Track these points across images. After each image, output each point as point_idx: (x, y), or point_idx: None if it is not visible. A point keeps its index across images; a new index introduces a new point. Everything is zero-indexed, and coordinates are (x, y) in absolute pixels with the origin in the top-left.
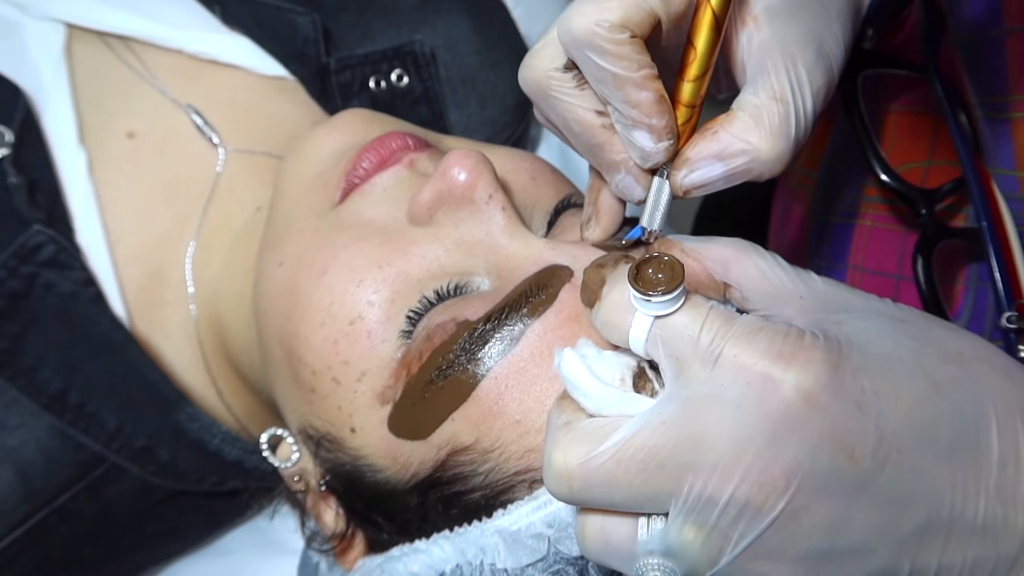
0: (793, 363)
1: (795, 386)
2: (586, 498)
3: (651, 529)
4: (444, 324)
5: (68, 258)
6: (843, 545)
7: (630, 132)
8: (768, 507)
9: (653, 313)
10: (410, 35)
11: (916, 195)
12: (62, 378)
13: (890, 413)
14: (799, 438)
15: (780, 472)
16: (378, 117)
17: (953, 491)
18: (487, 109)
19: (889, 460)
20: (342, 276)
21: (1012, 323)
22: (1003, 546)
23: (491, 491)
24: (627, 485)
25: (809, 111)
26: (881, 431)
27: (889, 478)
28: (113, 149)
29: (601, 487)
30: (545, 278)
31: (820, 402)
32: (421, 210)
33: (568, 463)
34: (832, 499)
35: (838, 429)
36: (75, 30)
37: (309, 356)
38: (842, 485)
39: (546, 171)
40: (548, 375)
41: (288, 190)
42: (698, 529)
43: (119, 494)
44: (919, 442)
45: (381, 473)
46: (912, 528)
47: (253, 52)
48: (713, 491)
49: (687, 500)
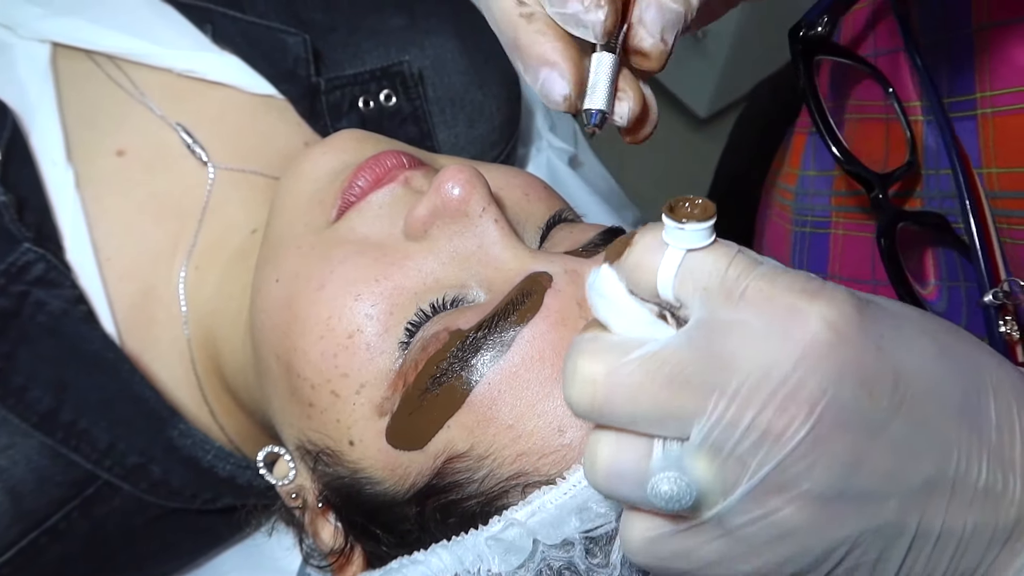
0: (819, 297)
1: (821, 316)
2: (607, 411)
3: (668, 451)
4: (438, 334)
5: (58, 276)
6: (857, 487)
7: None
8: (791, 433)
9: (686, 245)
10: (398, 55)
11: (873, 177)
12: (53, 396)
13: (905, 361)
14: (824, 367)
15: (805, 399)
16: (372, 137)
17: (958, 449)
18: (475, 128)
19: (904, 405)
20: (340, 290)
21: (998, 299)
22: (1001, 515)
23: (486, 497)
24: (652, 399)
25: None
26: (897, 375)
27: (903, 424)
28: (102, 167)
29: (625, 398)
30: (528, 286)
31: (845, 335)
32: (416, 225)
33: (595, 371)
34: (851, 435)
35: (861, 364)
36: (63, 48)
37: (308, 370)
38: (861, 421)
39: (538, 187)
40: (539, 379)
41: (285, 208)
42: (716, 453)
43: (111, 512)
44: (929, 395)
45: (379, 485)
46: (921, 480)
47: (243, 71)
48: (737, 412)
49: (711, 419)
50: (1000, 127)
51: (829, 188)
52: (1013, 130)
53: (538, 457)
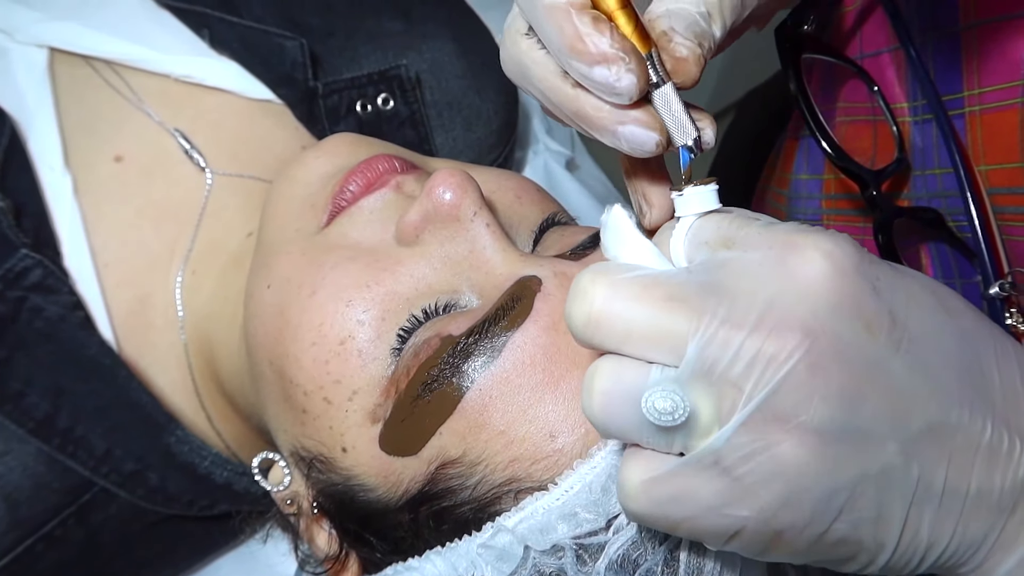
0: (815, 233)
1: (818, 247)
2: (604, 323)
3: (664, 373)
4: (430, 340)
5: (56, 282)
6: (855, 425)
7: (590, 74)
8: (784, 357)
9: (689, 211)
10: (396, 59)
11: (866, 174)
12: (50, 402)
13: (903, 307)
14: (819, 296)
15: (798, 324)
16: (365, 140)
17: (961, 401)
18: (472, 132)
19: (902, 345)
20: (331, 296)
21: (1004, 290)
22: (1008, 478)
23: (479, 504)
24: (647, 313)
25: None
26: (894, 317)
27: (901, 364)
28: (100, 173)
29: (622, 311)
30: (518, 290)
31: (841, 267)
32: (408, 230)
33: (595, 283)
34: (848, 367)
35: (857, 299)
36: (61, 54)
37: (300, 377)
38: (858, 355)
39: (531, 190)
40: (530, 384)
41: (276, 212)
42: (710, 376)
43: (108, 519)
44: (929, 343)
45: (373, 492)
46: (921, 425)
47: (241, 76)
48: (731, 332)
49: (704, 336)
50: (988, 124)
51: (820, 191)
52: (1001, 126)
53: (530, 463)
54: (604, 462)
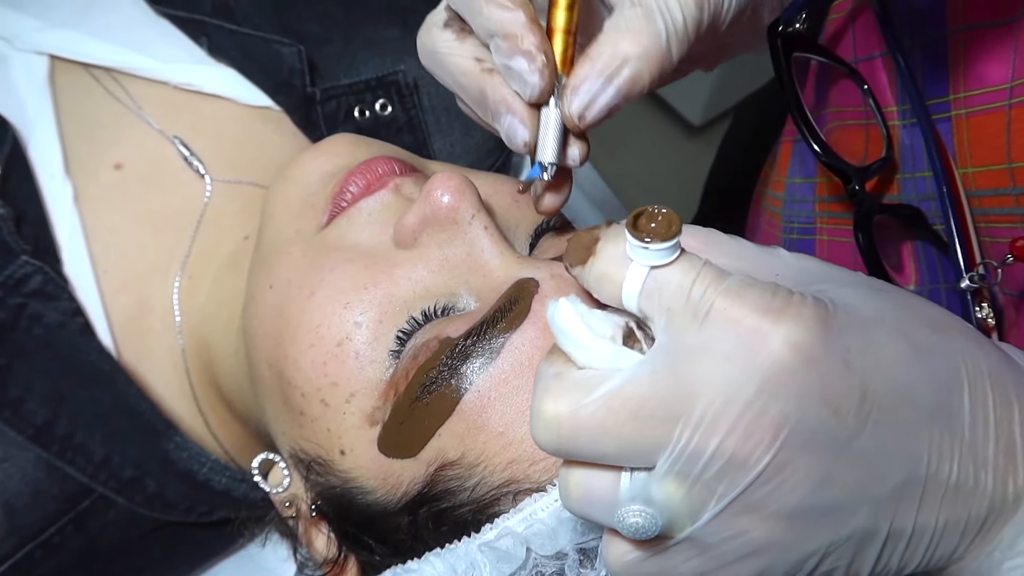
0: (782, 317)
1: (784, 340)
2: (573, 448)
3: (634, 480)
4: (428, 342)
5: (55, 289)
6: (825, 503)
7: (508, 66)
8: (755, 460)
9: (649, 263)
10: (394, 65)
11: (850, 170)
12: (49, 409)
13: (873, 372)
14: (787, 392)
15: (768, 425)
16: (364, 140)
17: (929, 450)
18: (470, 136)
19: (871, 418)
20: (329, 298)
21: (974, 282)
22: (973, 508)
23: (478, 505)
24: (617, 435)
25: (674, 11)
26: (865, 388)
27: (871, 436)
28: (100, 180)
29: (590, 436)
30: (516, 293)
31: (808, 356)
32: (406, 233)
33: (558, 411)
34: (816, 455)
35: (825, 384)
36: (60, 62)
37: (298, 378)
38: (827, 441)
39: (528, 194)
40: (529, 386)
41: (276, 212)
42: (682, 481)
43: (106, 526)
44: (899, 402)
45: (371, 494)
46: (891, 487)
47: (239, 83)
48: (701, 442)
49: (675, 450)
50: (973, 127)
51: (813, 195)
52: (985, 128)
53: (528, 464)
54: None
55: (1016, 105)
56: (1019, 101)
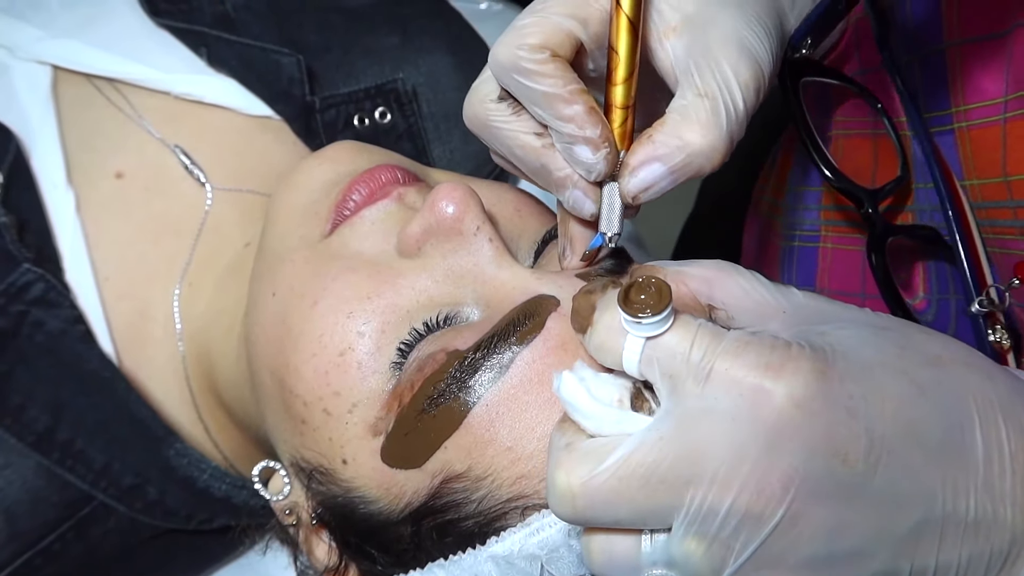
0: (782, 373)
1: (786, 395)
2: (590, 517)
3: (654, 542)
4: (435, 354)
5: (57, 296)
6: (843, 549)
7: (570, 149)
8: (768, 515)
9: (644, 334)
10: (393, 73)
11: (863, 193)
12: (50, 416)
13: (878, 416)
14: (793, 445)
15: (777, 479)
16: (367, 148)
17: (944, 489)
18: (470, 144)
19: (881, 462)
20: (332, 307)
21: (984, 307)
22: (995, 541)
23: (484, 518)
24: (630, 502)
25: (738, 102)
26: (871, 434)
27: (882, 480)
28: (102, 189)
29: (604, 505)
30: (532, 307)
31: (811, 409)
32: (410, 242)
33: (571, 483)
34: (829, 503)
35: (830, 434)
36: (62, 72)
37: (300, 387)
38: (838, 489)
39: (530, 203)
40: (538, 402)
41: (279, 219)
42: (700, 540)
43: (106, 533)
44: (908, 443)
45: (374, 504)
46: (908, 528)
47: (239, 93)
48: (714, 502)
49: (689, 512)
50: (976, 140)
51: (818, 203)
52: (986, 142)
53: (539, 480)
54: None
55: (1011, 119)
56: (1013, 115)
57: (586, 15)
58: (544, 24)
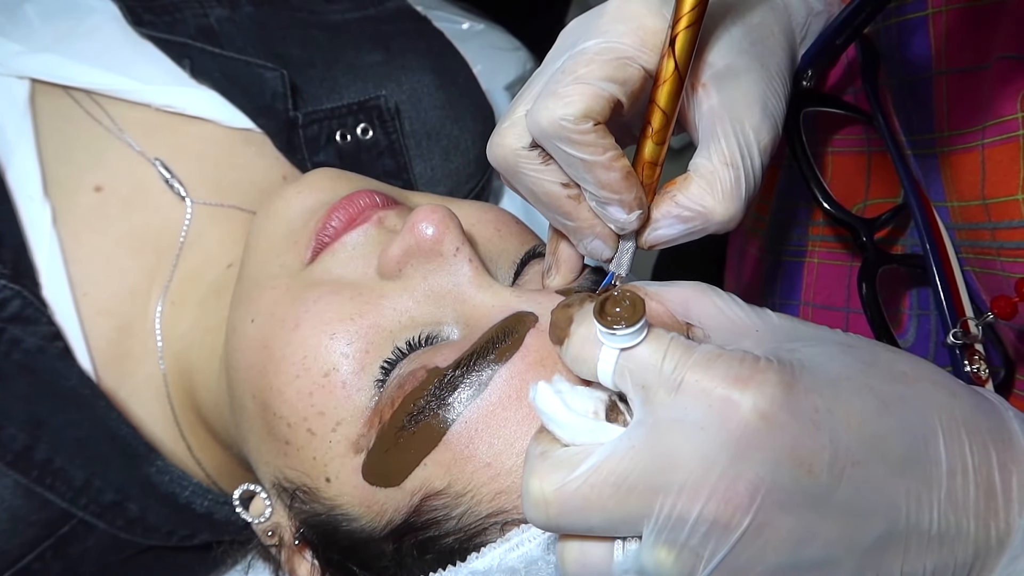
0: (750, 384)
1: (753, 406)
2: (563, 524)
3: (626, 551)
4: (415, 372)
5: (34, 313)
6: (809, 559)
7: (604, 208)
8: (735, 523)
9: (618, 346)
10: (375, 90)
11: (858, 223)
12: (28, 434)
13: (842, 429)
14: (760, 455)
15: (744, 488)
16: (345, 175)
17: (907, 501)
18: (451, 161)
19: (845, 473)
20: (315, 329)
21: (958, 339)
22: (959, 554)
23: (464, 534)
24: (601, 509)
25: (758, 169)
26: (835, 446)
27: (846, 491)
28: (80, 202)
29: (577, 512)
30: (511, 324)
31: (777, 420)
32: (391, 264)
33: (544, 490)
34: (795, 513)
35: (796, 445)
36: (40, 84)
37: (284, 409)
38: (803, 499)
39: (511, 223)
40: (516, 418)
41: (259, 248)
42: (670, 549)
43: (86, 551)
44: (871, 456)
45: (356, 522)
46: (872, 539)
47: (221, 105)
48: (682, 510)
49: (658, 520)
50: (955, 164)
51: (808, 219)
52: (966, 166)
53: (517, 495)
54: None
55: (988, 145)
56: (991, 141)
57: (625, 77)
58: (586, 93)
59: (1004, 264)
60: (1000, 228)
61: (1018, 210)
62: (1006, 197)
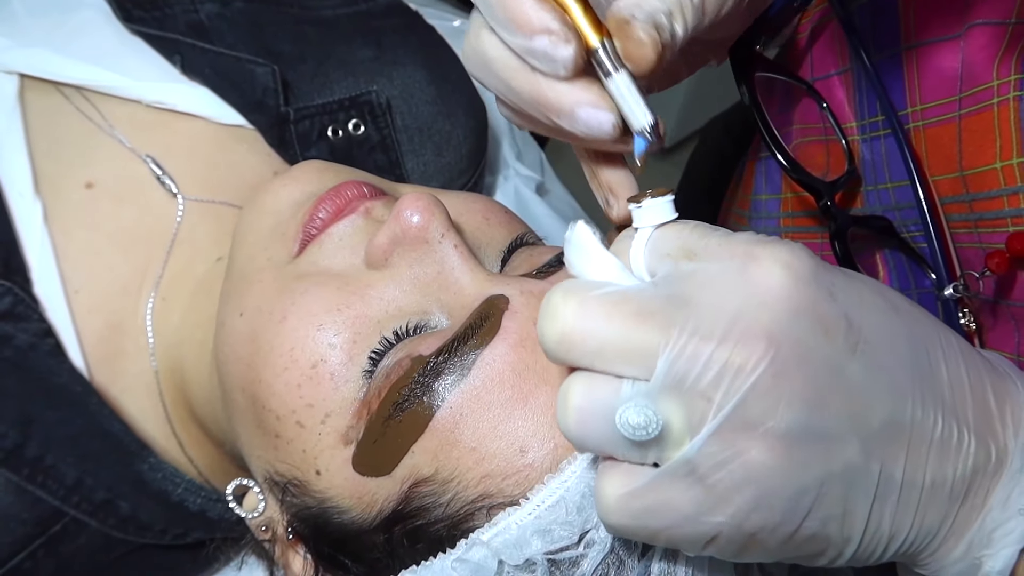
0: (775, 243)
1: (776, 258)
2: (576, 340)
3: (636, 386)
4: (400, 361)
5: (26, 309)
6: (819, 427)
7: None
8: (751, 367)
9: (649, 222)
10: (367, 85)
11: (820, 185)
12: (19, 432)
13: (857, 308)
14: (779, 305)
15: (762, 333)
16: (332, 167)
17: (914, 398)
18: (443, 156)
19: (858, 348)
20: (302, 321)
21: (958, 291)
22: (958, 467)
23: (452, 521)
24: (617, 329)
25: None
26: (850, 320)
27: (859, 365)
28: (71, 199)
29: (592, 328)
30: (486, 309)
31: (800, 276)
32: (377, 253)
33: (566, 303)
34: (810, 371)
35: (815, 304)
36: (30, 80)
37: (273, 402)
38: (819, 359)
39: (499, 211)
40: (500, 401)
41: (246, 241)
42: (680, 389)
43: (78, 550)
44: (882, 344)
45: (347, 513)
46: (879, 424)
47: (212, 102)
48: (698, 345)
49: (673, 351)
50: (931, 138)
51: (778, 210)
52: (940, 139)
53: (501, 478)
54: (575, 476)
55: (965, 115)
56: (968, 111)
57: None
58: None
59: (982, 236)
60: (978, 199)
61: (996, 179)
62: (984, 167)
